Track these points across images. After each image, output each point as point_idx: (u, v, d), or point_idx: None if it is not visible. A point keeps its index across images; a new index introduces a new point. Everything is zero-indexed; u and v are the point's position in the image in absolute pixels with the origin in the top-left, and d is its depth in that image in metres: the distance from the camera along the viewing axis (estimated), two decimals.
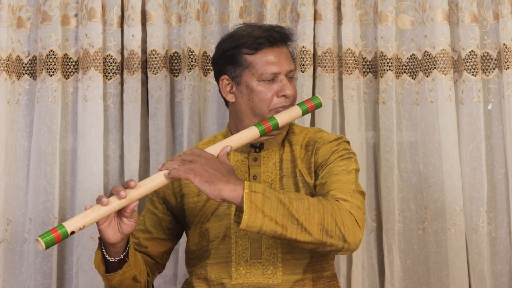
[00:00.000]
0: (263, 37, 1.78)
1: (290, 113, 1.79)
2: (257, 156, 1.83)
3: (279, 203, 1.54)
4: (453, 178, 2.43)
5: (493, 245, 2.49)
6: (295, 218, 1.54)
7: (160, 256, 1.90)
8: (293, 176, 1.81)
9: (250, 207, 1.51)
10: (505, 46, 2.44)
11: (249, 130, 1.73)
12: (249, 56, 1.78)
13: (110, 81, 2.48)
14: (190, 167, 1.54)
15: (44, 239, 1.49)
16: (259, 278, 1.75)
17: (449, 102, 2.44)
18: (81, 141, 2.43)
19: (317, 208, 1.57)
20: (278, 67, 1.78)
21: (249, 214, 1.51)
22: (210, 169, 1.54)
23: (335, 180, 1.72)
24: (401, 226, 2.47)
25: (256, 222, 1.51)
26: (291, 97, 1.80)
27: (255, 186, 1.54)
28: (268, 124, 1.75)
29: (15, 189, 2.46)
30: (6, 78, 2.43)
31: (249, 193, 1.52)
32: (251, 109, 1.80)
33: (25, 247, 2.44)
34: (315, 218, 1.55)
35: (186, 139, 2.44)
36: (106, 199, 1.54)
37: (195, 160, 1.55)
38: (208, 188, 1.52)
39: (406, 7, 2.52)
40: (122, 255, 1.68)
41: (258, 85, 1.78)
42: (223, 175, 1.54)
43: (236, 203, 1.53)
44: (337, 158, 1.78)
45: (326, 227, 1.56)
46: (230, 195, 1.52)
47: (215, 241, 1.79)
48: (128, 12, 2.45)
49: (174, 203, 1.87)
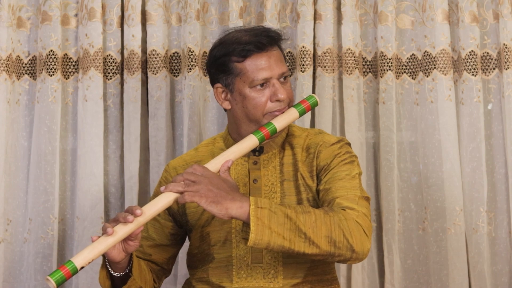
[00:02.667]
0: (250, 43, 1.76)
1: (287, 117, 1.78)
2: (257, 160, 1.83)
3: (286, 217, 1.54)
4: (453, 178, 2.43)
5: (493, 245, 2.49)
6: (302, 232, 1.54)
7: (165, 262, 1.90)
8: (295, 180, 1.80)
9: (257, 224, 1.52)
10: (505, 46, 2.44)
11: (247, 140, 1.73)
12: (238, 64, 1.77)
13: (110, 81, 2.48)
14: (194, 189, 1.54)
15: (54, 277, 1.48)
16: (260, 282, 1.75)
17: (449, 102, 2.44)
18: (81, 141, 2.43)
19: (324, 220, 1.57)
20: (269, 72, 1.76)
21: (255, 232, 1.51)
22: (214, 189, 1.54)
23: (340, 186, 1.72)
24: (401, 226, 2.47)
25: (263, 239, 1.52)
26: (286, 100, 1.78)
27: (261, 202, 1.54)
28: (266, 130, 1.74)
29: (15, 189, 2.46)
30: (6, 78, 2.43)
31: (255, 209, 1.53)
32: (246, 115, 1.79)
33: (25, 247, 2.44)
34: (322, 231, 1.56)
35: (186, 139, 2.44)
36: (111, 229, 1.54)
37: (199, 181, 1.55)
38: (215, 209, 1.53)
39: (406, 7, 2.52)
40: (127, 269, 1.69)
41: (251, 92, 1.77)
42: (228, 193, 1.55)
43: (244, 219, 1.54)
44: (339, 162, 1.77)
45: (333, 238, 1.56)
46: (237, 213, 1.53)
47: (216, 246, 1.79)
48: (128, 12, 2.45)
49: (175, 208, 1.87)
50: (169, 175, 1.90)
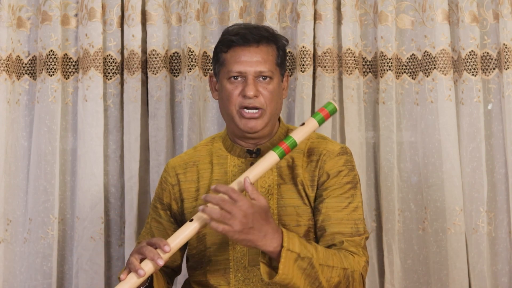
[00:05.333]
0: (237, 35, 1.76)
1: (306, 129, 1.72)
2: (254, 161, 1.80)
3: (309, 265, 1.58)
4: (453, 178, 2.43)
5: (493, 245, 2.49)
6: (319, 281, 1.60)
7: (174, 263, 1.89)
8: (294, 184, 1.78)
9: (284, 265, 1.54)
10: (505, 46, 2.44)
11: (268, 157, 1.67)
12: (223, 54, 1.78)
13: (110, 81, 2.48)
14: (229, 222, 1.51)
15: None
16: (257, 285, 1.74)
17: (449, 102, 2.44)
18: (81, 141, 2.43)
19: (338, 273, 1.62)
20: (244, 67, 1.74)
21: (281, 274, 1.54)
22: (249, 223, 1.52)
23: (343, 219, 1.73)
24: (401, 226, 2.47)
25: (284, 281, 1.56)
26: (258, 100, 1.74)
27: (292, 244, 1.56)
28: (285, 145, 1.67)
29: (15, 189, 2.46)
30: (6, 78, 2.43)
31: (286, 251, 1.55)
32: (223, 108, 1.79)
33: (25, 247, 2.44)
34: (335, 282, 1.62)
35: (186, 139, 2.44)
36: (143, 271, 1.52)
37: (234, 214, 1.51)
38: (246, 244, 1.55)
39: (406, 7, 2.52)
40: (147, 283, 1.66)
41: (227, 83, 1.77)
42: (260, 230, 1.54)
43: (269, 253, 1.57)
44: (343, 185, 1.76)
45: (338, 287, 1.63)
46: (267, 251, 1.56)
47: (212, 248, 1.78)
48: (128, 12, 2.45)
49: (176, 208, 1.87)
50: (168, 174, 1.89)
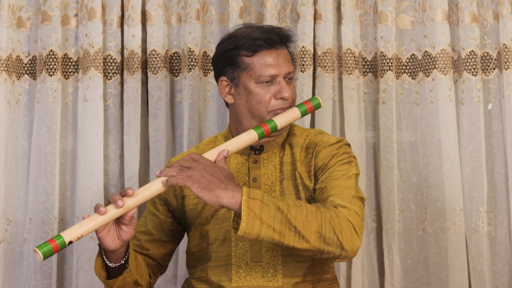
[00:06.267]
0: (261, 39, 1.77)
1: (288, 115, 1.78)
2: (257, 159, 1.83)
3: (277, 210, 1.54)
4: (453, 178, 2.43)
5: (493, 245, 2.49)
6: (292, 225, 1.54)
7: (162, 257, 1.90)
8: (293, 179, 1.80)
9: (248, 214, 1.51)
10: (505, 46, 2.44)
11: (247, 134, 1.73)
12: (247, 58, 1.78)
13: (110, 81, 2.48)
14: (188, 174, 1.54)
15: (41, 249, 1.49)
16: (259, 281, 1.74)
17: (449, 102, 2.44)
18: (81, 141, 2.43)
19: (315, 215, 1.57)
20: (276, 69, 1.77)
21: (246, 221, 1.51)
22: (208, 176, 1.54)
23: (335, 185, 1.72)
24: (401, 226, 2.47)
25: (253, 229, 1.52)
26: (290, 99, 1.79)
27: (253, 193, 1.54)
28: (266, 126, 1.74)
29: (15, 189, 2.46)
30: (6, 78, 2.43)
31: (247, 199, 1.52)
32: (249, 111, 1.80)
33: (25, 247, 2.44)
34: (313, 226, 1.55)
35: (186, 139, 2.44)
36: (104, 208, 1.54)
37: (193, 167, 1.55)
38: (206, 195, 1.52)
39: (406, 7, 2.52)
40: (123, 260, 1.69)
41: (256, 87, 1.78)
42: (221, 181, 1.54)
43: (235, 209, 1.53)
44: (337, 162, 1.77)
45: (323, 234, 1.56)
46: (228, 202, 1.53)
47: (215, 244, 1.79)
48: (128, 12, 2.45)
49: (175, 205, 1.87)
50: None
